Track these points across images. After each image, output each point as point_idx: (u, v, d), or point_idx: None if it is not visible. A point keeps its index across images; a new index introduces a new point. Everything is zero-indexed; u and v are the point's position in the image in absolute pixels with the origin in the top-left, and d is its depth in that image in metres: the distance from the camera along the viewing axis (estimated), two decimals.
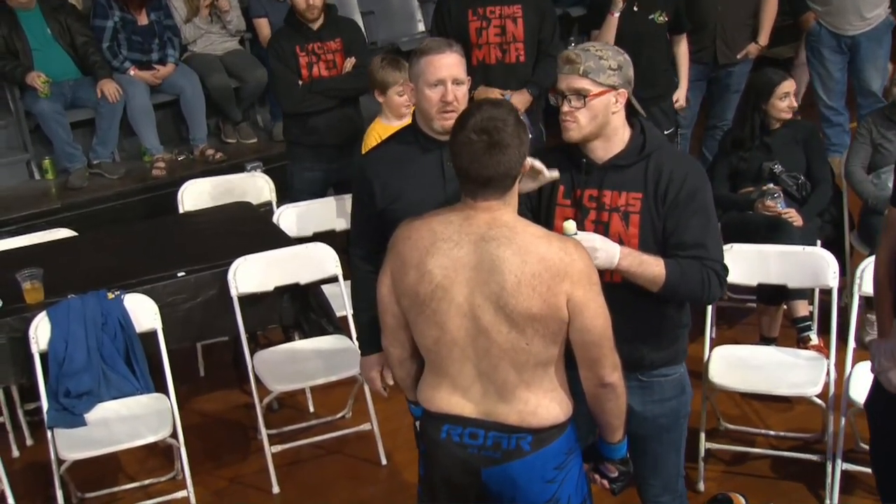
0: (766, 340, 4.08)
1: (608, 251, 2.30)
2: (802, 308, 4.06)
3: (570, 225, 2.32)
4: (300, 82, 4.40)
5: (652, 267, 2.33)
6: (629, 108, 2.44)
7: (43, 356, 3.41)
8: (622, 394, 2.28)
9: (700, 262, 2.36)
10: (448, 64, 2.65)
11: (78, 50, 5.53)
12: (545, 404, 2.25)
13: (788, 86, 4.17)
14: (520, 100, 4.23)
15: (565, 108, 2.35)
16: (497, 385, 2.24)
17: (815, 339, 4.03)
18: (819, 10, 5.47)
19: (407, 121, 2.82)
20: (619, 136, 2.42)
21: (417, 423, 2.47)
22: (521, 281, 2.14)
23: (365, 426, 3.81)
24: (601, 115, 2.37)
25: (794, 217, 4.03)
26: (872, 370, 2.51)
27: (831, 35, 5.48)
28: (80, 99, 5.54)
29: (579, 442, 2.35)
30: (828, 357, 3.50)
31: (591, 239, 2.30)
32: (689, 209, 2.37)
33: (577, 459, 2.35)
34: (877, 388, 2.65)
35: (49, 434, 3.37)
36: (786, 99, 4.16)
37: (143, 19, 5.66)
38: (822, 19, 5.47)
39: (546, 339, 2.19)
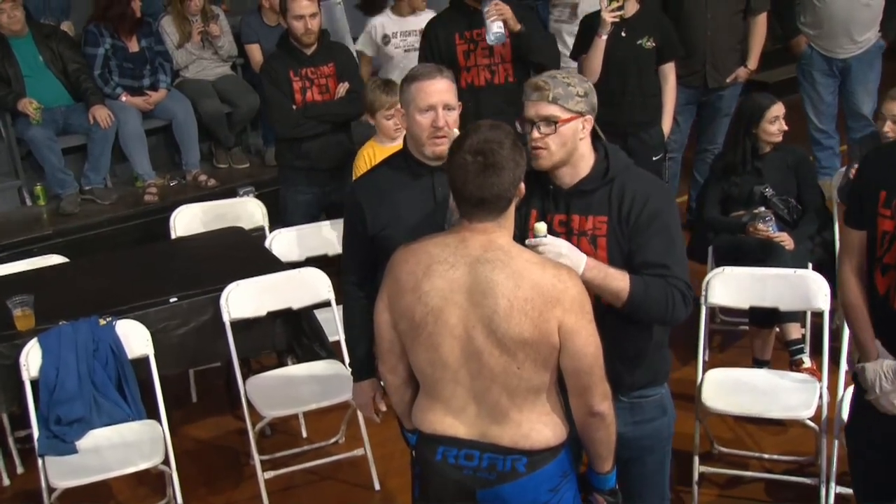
0: (758, 363, 4.08)
1: (574, 260, 2.31)
2: (795, 331, 4.07)
3: (542, 226, 2.34)
4: (294, 107, 4.42)
5: (616, 280, 2.35)
6: (594, 134, 2.47)
7: (34, 383, 3.40)
8: (612, 423, 2.28)
9: (665, 281, 2.38)
10: (439, 90, 2.66)
11: (70, 76, 5.54)
12: (538, 428, 2.25)
13: (778, 109, 4.21)
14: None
15: (535, 134, 2.36)
16: (490, 407, 2.24)
17: (807, 361, 4.04)
18: (810, 34, 5.53)
19: (400, 143, 2.83)
20: (584, 162, 2.45)
21: (413, 451, 2.45)
22: (513, 305, 2.15)
23: (358, 451, 3.80)
24: (570, 141, 2.40)
25: (785, 241, 4.05)
26: (870, 397, 2.49)
27: (823, 58, 5.53)
28: (72, 125, 5.55)
29: (573, 466, 2.35)
30: (820, 380, 3.50)
31: (558, 244, 2.31)
32: (651, 229, 2.39)
33: (572, 483, 2.34)
34: (857, 412, 2.65)
35: (40, 462, 3.35)
36: (776, 122, 4.20)
37: (133, 46, 5.68)
38: (814, 42, 5.52)
39: (537, 364, 2.19)
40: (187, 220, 4.55)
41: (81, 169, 5.66)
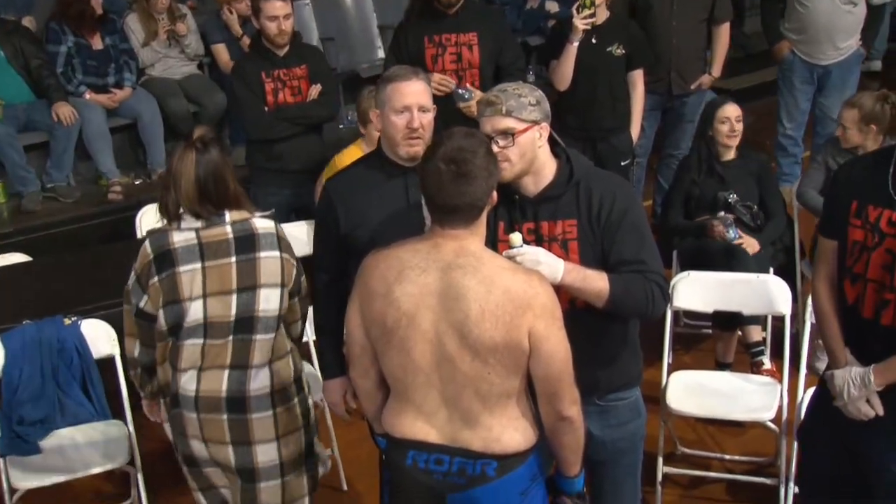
0: (721, 366, 4.16)
1: (552, 266, 2.33)
2: (756, 334, 4.14)
3: (517, 237, 2.36)
4: (265, 108, 4.41)
5: (596, 281, 2.37)
6: (552, 140, 2.50)
7: None
8: (580, 428, 2.31)
9: (643, 276, 2.42)
10: (414, 91, 2.68)
11: (32, 73, 5.47)
12: (509, 432, 2.27)
13: (729, 111, 4.27)
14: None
15: (494, 149, 2.37)
16: (461, 412, 2.25)
17: (767, 363, 4.12)
18: (794, 39, 5.59)
19: None
20: (547, 169, 2.48)
21: (383, 455, 2.46)
22: (484, 311, 2.16)
23: (326, 452, 3.78)
24: (529, 150, 2.42)
25: (748, 244, 4.12)
26: (838, 403, 2.52)
27: (804, 65, 5.59)
28: (35, 122, 5.48)
29: (542, 469, 2.38)
30: (780, 382, 3.57)
31: (535, 252, 2.34)
32: (623, 227, 2.43)
33: (541, 486, 2.36)
34: (812, 416, 2.71)
35: (1, 462, 3.30)
36: (726, 123, 4.26)
37: (97, 44, 5.63)
38: (796, 48, 5.59)
39: (508, 369, 2.21)
40: (153, 219, 4.49)
41: (44, 166, 5.59)
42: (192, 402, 2.77)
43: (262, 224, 2.81)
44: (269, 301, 2.77)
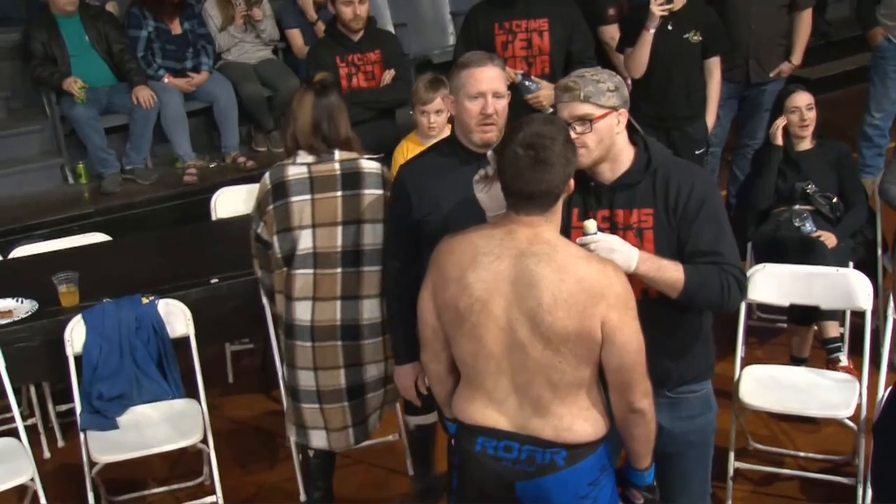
0: (796, 361, 4.06)
1: (626, 254, 2.30)
2: (833, 329, 4.04)
3: (591, 224, 2.34)
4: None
5: (671, 271, 2.34)
6: (630, 127, 2.46)
7: (77, 359, 3.44)
8: (651, 420, 2.29)
9: (719, 268, 2.37)
10: (489, 77, 2.67)
11: (114, 57, 5.60)
12: (579, 422, 2.25)
13: (799, 99, 4.16)
14: (547, 94, 4.21)
15: (572, 135, 2.35)
16: (532, 399, 2.25)
17: (844, 360, 4.01)
18: (889, 25, 5.42)
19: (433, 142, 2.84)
20: (624, 156, 2.44)
21: (452, 440, 2.47)
22: (557, 299, 2.15)
23: (393, 437, 3.82)
24: (607, 137, 2.39)
25: (826, 237, 4.02)
26: None
27: None
28: (115, 105, 5.61)
29: (611, 460, 2.36)
30: (859, 379, 3.48)
31: (609, 240, 2.31)
32: (700, 217, 2.39)
33: (611, 477, 2.35)
34: (889, 413, 2.64)
35: (82, 436, 3.40)
36: (796, 112, 4.15)
37: (176, 28, 5.74)
38: (892, 34, 5.42)
39: (579, 359, 2.19)
40: (228, 202, 4.57)
41: (123, 149, 5.73)
42: (308, 331, 3.08)
43: (369, 165, 3.10)
44: (373, 235, 3.04)
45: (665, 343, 2.41)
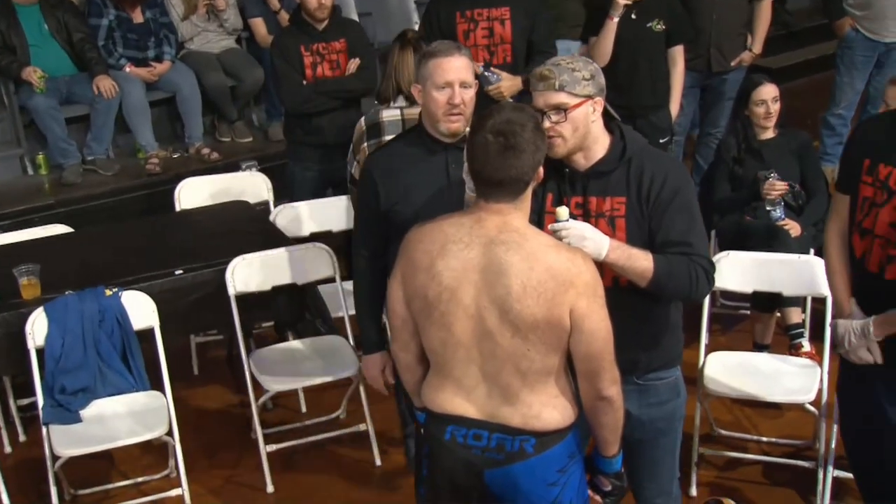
0: (759, 347, 4.12)
1: (597, 242, 2.31)
2: (795, 315, 4.10)
3: (564, 211, 2.34)
4: (304, 82, 4.41)
5: (640, 260, 2.35)
6: (606, 114, 2.47)
7: (39, 352, 3.40)
8: (619, 408, 2.30)
9: (688, 258, 2.39)
10: (456, 67, 2.67)
11: (75, 46, 5.51)
12: (548, 410, 2.27)
13: (766, 92, 4.19)
14: (508, 85, 4.23)
15: (547, 124, 2.35)
16: (501, 387, 2.25)
17: (806, 345, 4.07)
18: (857, 15, 5.46)
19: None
20: (599, 144, 2.45)
21: (422, 429, 2.47)
22: (526, 287, 2.15)
23: (360, 426, 3.82)
24: (582, 125, 2.39)
25: (791, 227, 4.07)
26: (840, 350, 2.66)
27: (866, 42, 5.46)
28: (76, 95, 5.52)
29: (580, 447, 2.37)
30: (820, 364, 3.53)
31: (581, 228, 2.32)
32: (672, 207, 2.40)
33: (579, 464, 2.36)
34: (843, 375, 2.79)
35: (44, 430, 3.36)
36: (762, 105, 4.19)
37: (138, 17, 5.66)
38: (860, 24, 5.46)
39: (548, 346, 2.20)
40: (192, 193, 4.54)
41: (84, 139, 5.64)
42: None
43: None
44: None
45: (635, 331, 2.42)
